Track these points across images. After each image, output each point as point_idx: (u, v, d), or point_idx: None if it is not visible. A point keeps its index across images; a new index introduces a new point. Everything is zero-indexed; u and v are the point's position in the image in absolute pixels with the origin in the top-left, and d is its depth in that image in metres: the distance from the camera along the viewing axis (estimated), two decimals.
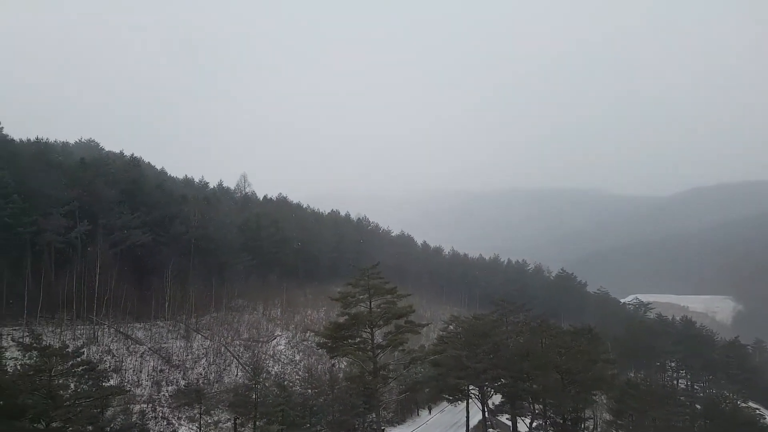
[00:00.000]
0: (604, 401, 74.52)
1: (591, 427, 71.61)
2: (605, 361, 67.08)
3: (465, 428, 67.02)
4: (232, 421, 54.30)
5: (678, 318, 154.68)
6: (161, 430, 58.59)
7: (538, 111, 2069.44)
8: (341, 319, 51.52)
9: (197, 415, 50.35)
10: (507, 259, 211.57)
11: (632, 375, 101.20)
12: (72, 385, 36.23)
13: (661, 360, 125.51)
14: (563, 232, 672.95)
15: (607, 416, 73.71)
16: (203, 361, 77.78)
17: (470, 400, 67.21)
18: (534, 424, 62.63)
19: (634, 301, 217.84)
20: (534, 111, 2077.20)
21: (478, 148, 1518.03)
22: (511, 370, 60.25)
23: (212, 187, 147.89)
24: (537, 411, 61.96)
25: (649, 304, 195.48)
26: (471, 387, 66.02)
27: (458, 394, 67.42)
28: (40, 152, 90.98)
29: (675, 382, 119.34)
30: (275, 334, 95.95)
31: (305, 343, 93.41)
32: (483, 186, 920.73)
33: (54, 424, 33.08)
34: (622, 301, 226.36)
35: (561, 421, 60.02)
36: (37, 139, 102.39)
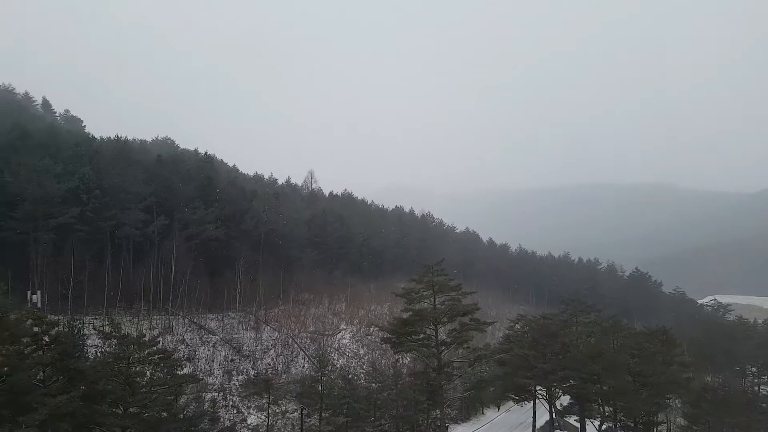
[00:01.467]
0: (679, 405, 71.67)
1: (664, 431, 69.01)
2: (680, 363, 64.56)
3: (531, 429, 65.88)
4: (299, 412, 55.31)
5: (760, 321, 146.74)
6: (231, 418, 60.33)
7: (616, 100, 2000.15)
8: (405, 315, 51.50)
9: (266, 405, 51.51)
10: (578, 258, 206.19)
11: (709, 379, 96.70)
12: (148, 373, 37.67)
13: (741, 364, 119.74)
14: (638, 230, 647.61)
15: (681, 421, 70.71)
16: (272, 352, 79.68)
17: (537, 401, 66.05)
18: (603, 427, 61.03)
19: (713, 302, 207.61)
20: (612, 100, 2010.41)
21: (550, 144, 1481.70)
22: (581, 371, 58.79)
23: (281, 183, 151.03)
24: (607, 413, 60.29)
25: (728, 305, 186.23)
26: (538, 387, 64.87)
27: (525, 394, 66.47)
28: (120, 150, 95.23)
29: (756, 388, 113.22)
30: (340, 328, 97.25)
31: (369, 337, 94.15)
32: (552, 183, 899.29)
33: (131, 410, 34.65)
34: (700, 302, 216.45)
35: (632, 425, 58.25)
36: (116, 137, 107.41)
